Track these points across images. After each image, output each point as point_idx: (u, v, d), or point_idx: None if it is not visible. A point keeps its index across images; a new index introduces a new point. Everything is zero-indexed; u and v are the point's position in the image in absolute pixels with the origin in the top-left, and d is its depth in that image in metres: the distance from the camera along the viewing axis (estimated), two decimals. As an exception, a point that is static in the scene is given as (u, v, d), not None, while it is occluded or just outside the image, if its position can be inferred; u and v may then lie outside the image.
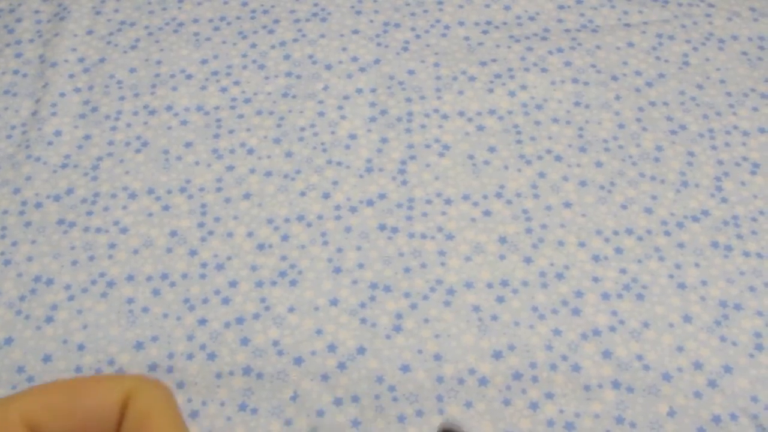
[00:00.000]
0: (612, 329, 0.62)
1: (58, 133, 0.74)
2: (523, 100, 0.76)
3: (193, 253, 0.66)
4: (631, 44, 0.80)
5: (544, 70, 0.78)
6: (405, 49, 0.80)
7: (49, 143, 0.73)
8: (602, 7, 0.84)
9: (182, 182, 0.71)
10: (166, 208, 0.69)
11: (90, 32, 0.82)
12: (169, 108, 0.76)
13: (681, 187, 0.70)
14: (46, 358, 0.61)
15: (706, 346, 0.62)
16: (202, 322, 0.63)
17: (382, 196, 0.70)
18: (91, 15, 0.84)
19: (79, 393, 0.24)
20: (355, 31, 0.82)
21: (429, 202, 0.69)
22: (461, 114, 0.75)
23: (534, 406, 0.59)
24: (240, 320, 0.63)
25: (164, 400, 0.25)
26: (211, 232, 0.68)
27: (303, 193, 0.70)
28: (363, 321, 0.63)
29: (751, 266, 0.66)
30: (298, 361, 0.61)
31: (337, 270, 0.65)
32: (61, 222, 0.68)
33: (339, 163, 0.72)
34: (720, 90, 0.77)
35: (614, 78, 0.78)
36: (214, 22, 0.83)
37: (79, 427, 0.24)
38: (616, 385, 0.60)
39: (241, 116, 0.75)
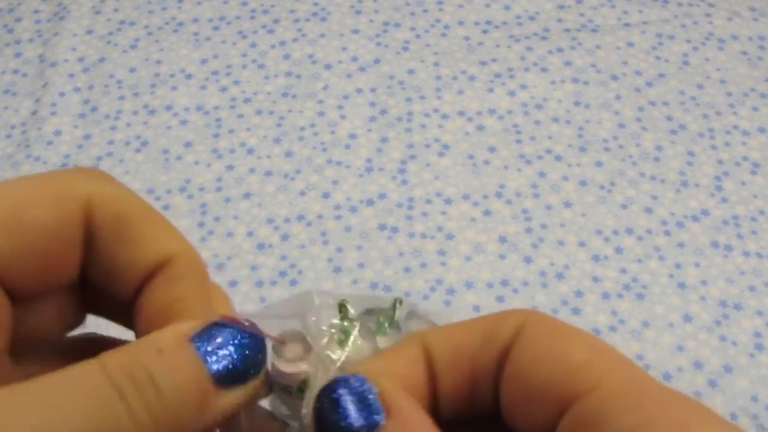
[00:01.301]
0: (612, 329, 0.62)
1: (57, 133, 0.74)
2: (523, 99, 0.76)
3: (193, 252, 0.66)
4: (631, 44, 0.80)
5: (544, 69, 0.78)
6: (405, 48, 0.80)
7: (49, 143, 0.73)
8: (602, 6, 0.84)
9: (182, 182, 0.71)
10: (165, 207, 0.69)
11: (90, 32, 0.82)
12: (168, 108, 0.76)
13: (681, 187, 0.70)
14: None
15: (706, 345, 0.62)
16: (202, 321, 0.63)
17: (382, 196, 0.70)
18: (91, 14, 0.84)
19: (23, 203, 0.20)
20: (355, 31, 0.82)
21: (429, 201, 0.69)
22: (461, 114, 0.75)
23: (534, 405, 0.59)
24: (240, 320, 0.63)
25: (132, 194, 0.21)
26: (211, 232, 0.68)
27: (303, 193, 0.70)
28: (363, 321, 0.63)
29: (751, 266, 0.66)
30: (298, 360, 0.61)
31: (338, 270, 0.65)
32: (60, 222, 0.68)
33: (339, 163, 0.72)
34: (720, 90, 0.77)
35: (614, 78, 0.78)
36: (213, 21, 0.83)
37: (23, 241, 0.19)
38: (616, 384, 0.60)
39: (240, 116, 0.75)
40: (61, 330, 0.23)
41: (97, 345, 0.22)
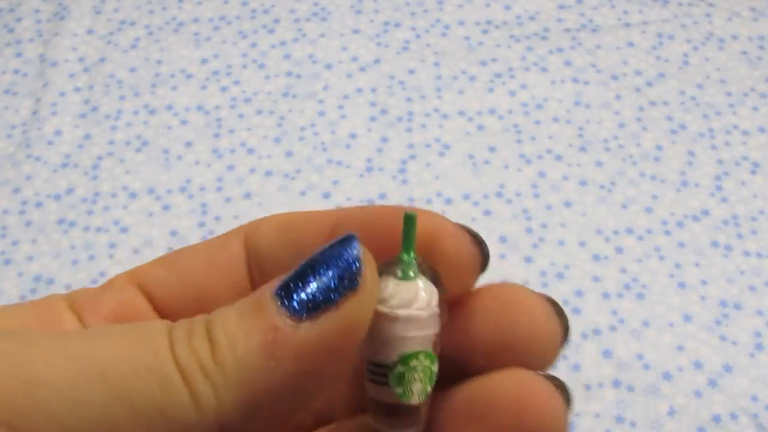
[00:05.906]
0: (612, 329, 0.62)
1: (58, 133, 0.74)
2: (524, 99, 0.76)
3: (193, 252, 0.66)
4: (631, 44, 0.81)
5: (544, 69, 0.78)
6: (405, 48, 0.80)
7: (50, 143, 0.73)
8: (602, 6, 0.84)
9: (182, 182, 0.71)
10: (166, 207, 0.69)
11: (90, 32, 0.82)
12: (169, 107, 0.76)
13: (681, 187, 0.70)
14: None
15: (706, 345, 0.62)
16: (203, 321, 0.63)
17: (382, 196, 0.70)
18: (92, 14, 0.84)
19: (198, 250, 0.21)
20: (355, 31, 0.82)
21: (429, 201, 0.69)
22: (461, 114, 0.75)
23: (534, 405, 0.59)
24: (240, 320, 0.63)
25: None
26: (211, 232, 0.68)
27: (303, 193, 0.70)
28: (363, 320, 0.63)
29: (751, 266, 0.66)
30: (299, 360, 0.61)
31: (338, 269, 0.65)
32: (61, 221, 0.68)
33: (339, 163, 0.72)
34: (720, 90, 0.77)
35: (614, 78, 0.78)
36: (214, 21, 0.83)
37: (200, 282, 0.20)
38: (616, 384, 0.60)
39: (241, 116, 0.75)
40: None
41: None
